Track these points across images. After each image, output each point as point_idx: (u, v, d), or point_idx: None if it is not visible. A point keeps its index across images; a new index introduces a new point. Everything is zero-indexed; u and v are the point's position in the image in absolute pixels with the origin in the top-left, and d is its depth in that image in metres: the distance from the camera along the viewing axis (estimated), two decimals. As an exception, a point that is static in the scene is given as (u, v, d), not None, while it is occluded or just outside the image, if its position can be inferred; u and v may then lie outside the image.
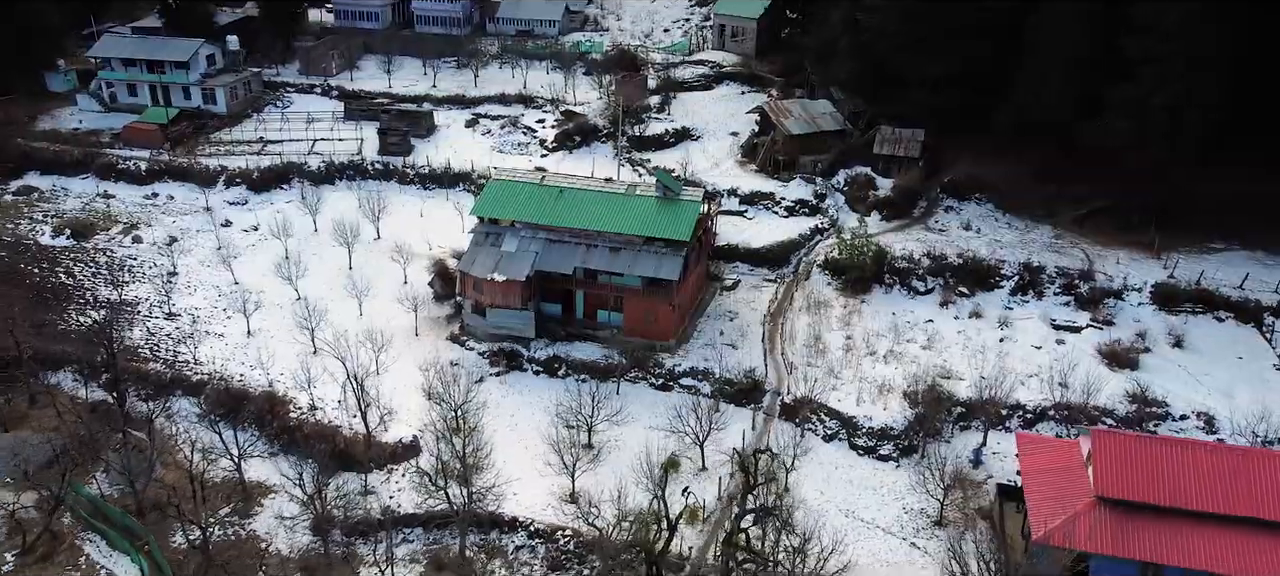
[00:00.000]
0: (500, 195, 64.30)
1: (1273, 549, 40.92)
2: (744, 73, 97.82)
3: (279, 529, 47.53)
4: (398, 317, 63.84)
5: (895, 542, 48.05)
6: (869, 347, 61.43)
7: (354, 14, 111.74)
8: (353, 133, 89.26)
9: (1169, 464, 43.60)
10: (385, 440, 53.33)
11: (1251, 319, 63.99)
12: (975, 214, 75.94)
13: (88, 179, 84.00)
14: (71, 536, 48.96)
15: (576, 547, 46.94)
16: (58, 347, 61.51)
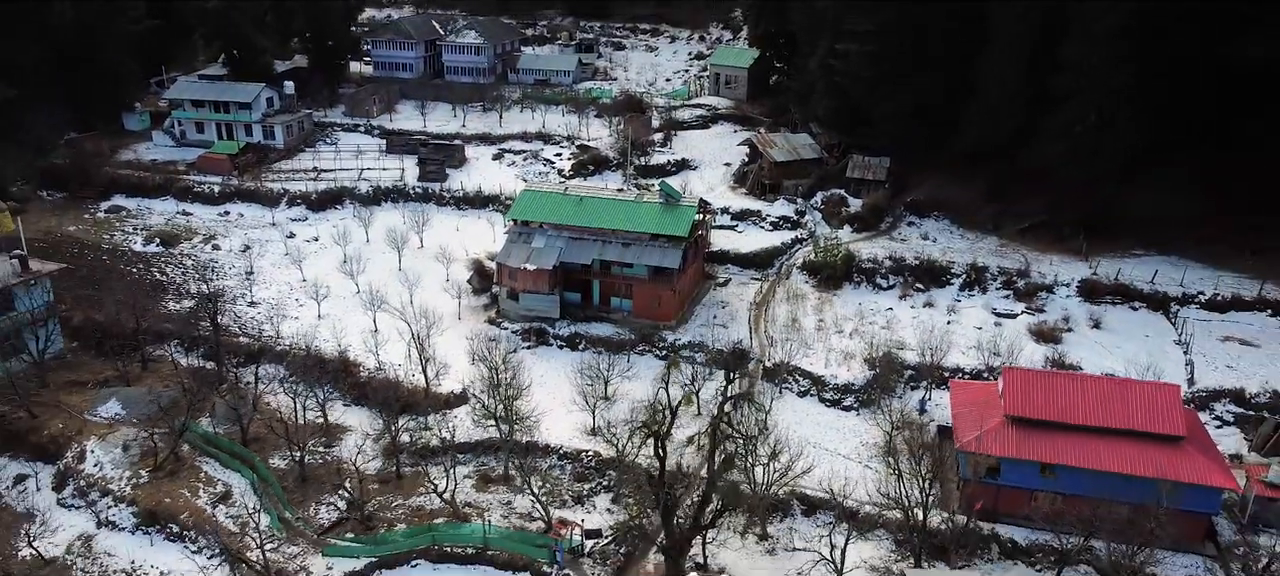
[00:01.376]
0: (531, 202, 77.23)
1: (1133, 450, 52.69)
2: (736, 114, 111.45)
3: (358, 455, 59.21)
4: (443, 305, 76.09)
5: (852, 464, 59.73)
6: (837, 327, 73.68)
7: (391, 65, 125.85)
8: (395, 164, 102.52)
9: (1060, 391, 55.64)
10: (439, 391, 65.39)
11: (1160, 308, 76.17)
12: (933, 227, 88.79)
13: (168, 200, 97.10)
14: (191, 459, 60.78)
15: (597, 465, 58.86)
16: (161, 326, 73.92)
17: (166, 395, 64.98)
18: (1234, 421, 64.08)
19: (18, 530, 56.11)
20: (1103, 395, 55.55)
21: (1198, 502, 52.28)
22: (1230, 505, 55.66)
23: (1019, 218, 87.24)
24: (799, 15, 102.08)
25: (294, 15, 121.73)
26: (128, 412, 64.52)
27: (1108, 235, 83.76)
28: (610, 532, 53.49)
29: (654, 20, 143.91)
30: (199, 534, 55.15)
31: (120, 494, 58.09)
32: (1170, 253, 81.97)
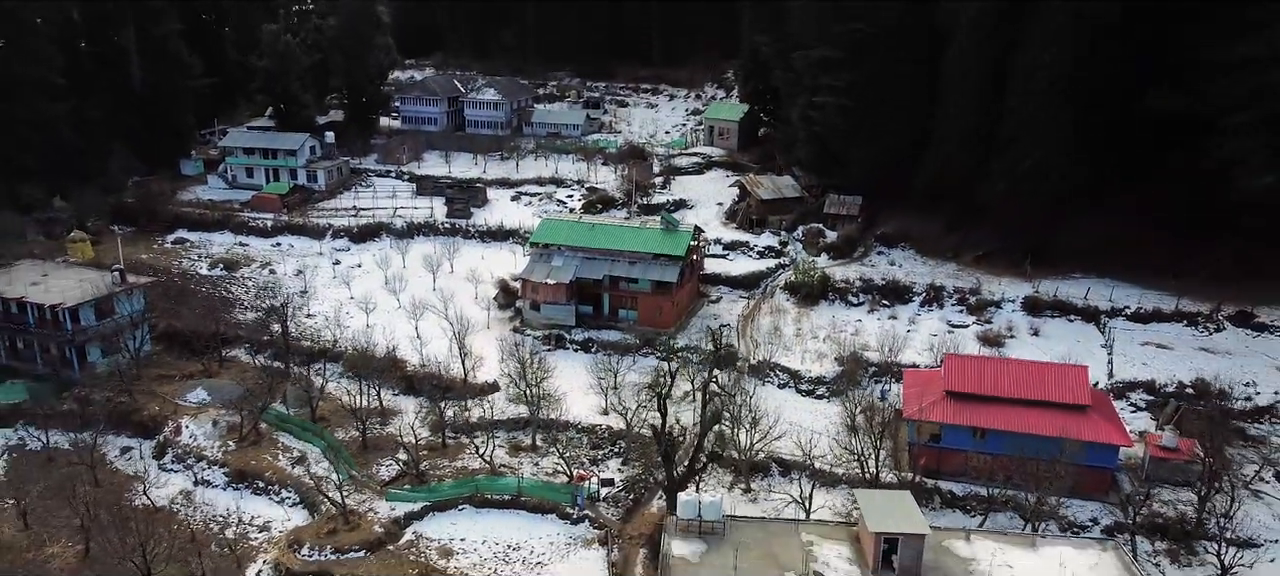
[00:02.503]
0: (551, 228, 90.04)
1: (1048, 416, 64.59)
2: (728, 161, 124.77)
3: (413, 427, 70.98)
4: (474, 316, 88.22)
5: (822, 438, 71.50)
6: (813, 335, 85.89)
7: (418, 119, 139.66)
8: (425, 204, 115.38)
9: (990, 371, 67.81)
10: (475, 381, 77.38)
11: (1092, 319, 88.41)
12: (899, 256, 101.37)
13: (226, 234, 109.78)
14: (268, 434, 72.58)
15: (609, 436, 70.73)
16: (233, 332, 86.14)
17: (243, 387, 76.95)
18: (1146, 407, 76.21)
19: (129, 487, 67.74)
20: (1025, 374, 67.75)
21: (1100, 458, 64.15)
22: (1133, 466, 67.53)
23: (974, 246, 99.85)
24: (782, 75, 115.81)
25: (331, 74, 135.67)
26: (212, 398, 76.44)
27: (1051, 261, 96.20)
28: (621, 483, 65.22)
29: (654, 80, 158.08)
30: (281, 487, 66.86)
31: (212, 458, 69.88)
32: (1105, 275, 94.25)
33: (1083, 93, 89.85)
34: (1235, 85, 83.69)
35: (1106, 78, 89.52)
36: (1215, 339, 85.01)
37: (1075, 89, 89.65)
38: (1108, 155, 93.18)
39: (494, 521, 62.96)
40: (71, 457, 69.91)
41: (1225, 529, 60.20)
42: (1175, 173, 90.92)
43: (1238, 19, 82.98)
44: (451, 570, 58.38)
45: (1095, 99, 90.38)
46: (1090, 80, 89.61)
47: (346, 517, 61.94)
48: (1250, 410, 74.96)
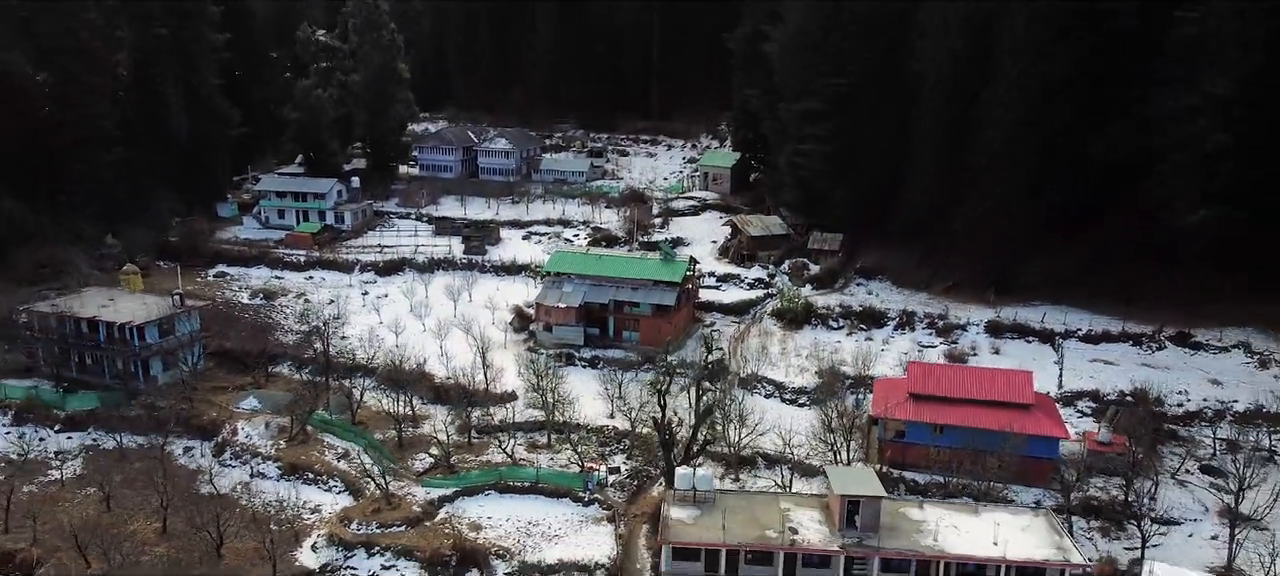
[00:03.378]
0: (562, 259, 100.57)
1: (997, 414, 74.37)
2: (721, 204, 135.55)
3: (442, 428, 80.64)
4: (492, 337, 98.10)
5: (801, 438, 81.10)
6: (797, 353, 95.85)
7: (435, 166, 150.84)
8: (443, 242, 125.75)
9: (947, 376, 77.82)
10: (496, 391, 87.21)
11: (1047, 340, 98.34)
12: (877, 286, 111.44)
13: (262, 268, 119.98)
14: (314, 435, 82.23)
15: (615, 435, 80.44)
16: (276, 350, 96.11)
17: (290, 396, 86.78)
18: (1090, 413, 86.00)
19: (194, 479, 77.25)
20: (978, 378, 77.83)
21: (1043, 450, 73.93)
22: (1074, 459, 77.15)
23: (944, 277, 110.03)
24: (770, 125, 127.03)
25: (355, 125, 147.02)
26: (263, 405, 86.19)
27: (1014, 290, 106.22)
28: (626, 472, 74.80)
29: (653, 131, 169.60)
30: (329, 477, 76.41)
31: (266, 455, 79.47)
32: (1062, 302, 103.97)
33: (1037, 140, 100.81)
34: (1167, 133, 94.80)
35: (1057, 127, 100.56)
36: (1156, 356, 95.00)
37: (1030, 137, 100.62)
38: (1063, 195, 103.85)
39: (516, 503, 72.50)
40: (141, 454, 79.49)
41: (1149, 510, 70.04)
42: (1123, 210, 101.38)
43: (1166, 75, 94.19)
44: (480, 540, 67.78)
45: (1048, 146, 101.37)
46: (1043, 129, 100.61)
47: (389, 499, 71.46)
48: (1182, 415, 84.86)
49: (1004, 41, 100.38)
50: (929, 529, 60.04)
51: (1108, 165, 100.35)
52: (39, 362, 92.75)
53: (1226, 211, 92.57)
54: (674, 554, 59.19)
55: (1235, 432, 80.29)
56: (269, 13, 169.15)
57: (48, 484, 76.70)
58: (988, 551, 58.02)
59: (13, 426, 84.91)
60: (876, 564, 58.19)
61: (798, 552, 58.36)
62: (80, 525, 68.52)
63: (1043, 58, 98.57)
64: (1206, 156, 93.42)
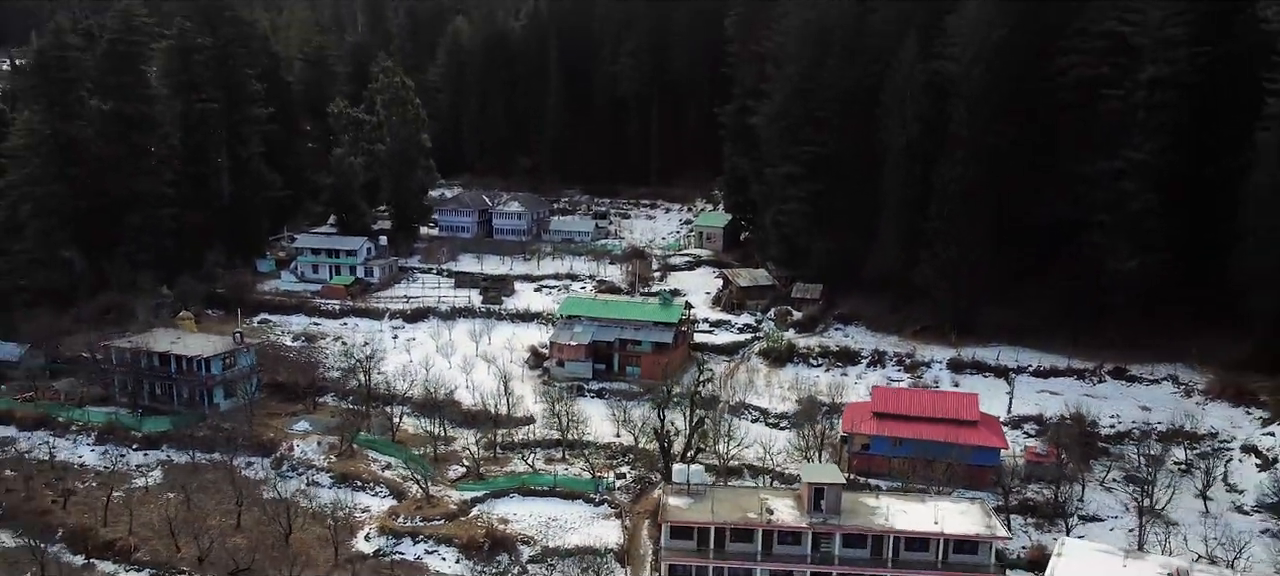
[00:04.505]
0: (573, 304, 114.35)
1: (947, 429, 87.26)
2: (714, 261, 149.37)
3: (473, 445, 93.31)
4: (511, 373, 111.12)
5: (781, 453, 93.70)
6: (780, 386, 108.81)
7: (453, 227, 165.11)
8: (463, 294, 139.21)
9: (906, 398, 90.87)
10: (516, 415, 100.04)
11: (1002, 375, 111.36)
12: (852, 331, 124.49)
13: (300, 316, 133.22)
14: (360, 452, 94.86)
15: (621, 449, 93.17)
16: (321, 383, 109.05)
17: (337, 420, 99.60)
18: (1034, 434, 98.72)
19: (257, 487, 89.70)
20: (931, 400, 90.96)
21: (985, 458, 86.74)
22: (1015, 470, 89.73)
23: (913, 322, 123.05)
24: (757, 188, 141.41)
25: (382, 189, 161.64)
26: (313, 427, 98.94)
27: (974, 333, 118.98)
28: (631, 479, 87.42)
29: (652, 196, 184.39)
30: (375, 484, 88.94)
31: (320, 467, 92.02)
32: (1016, 344, 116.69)
33: (989, 201, 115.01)
34: (1100, 193, 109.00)
35: (1006, 189, 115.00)
36: (1097, 387, 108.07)
37: (982, 198, 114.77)
38: (1015, 249, 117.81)
39: (537, 504, 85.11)
40: (211, 468, 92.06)
41: (1076, 508, 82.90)
42: (1068, 261, 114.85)
43: (1098, 143, 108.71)
44: (509, 531, 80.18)
45: (999, 206, 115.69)
46: (994, 192, 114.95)
47: (429, 500, 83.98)
48: (1113, 435, 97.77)
49: (957, 115, 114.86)
50: (882, 512, 72.61)
51: (1052, 222, 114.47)
52: (113, 392, 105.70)
53: (1155, 261, 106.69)
54: (671, 532, 71.67)
55: (1157, 448, 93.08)
56: (301, 88, 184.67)
57: (133, 490, 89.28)
58: (930, 528, 70.56)
59: (96, 445, 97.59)
60: (838, 538, 70.71)
61: (774, 529, 70.88)
62: (167, 520, 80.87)
63: (990, 129, 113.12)
64: (1134, 214, 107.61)
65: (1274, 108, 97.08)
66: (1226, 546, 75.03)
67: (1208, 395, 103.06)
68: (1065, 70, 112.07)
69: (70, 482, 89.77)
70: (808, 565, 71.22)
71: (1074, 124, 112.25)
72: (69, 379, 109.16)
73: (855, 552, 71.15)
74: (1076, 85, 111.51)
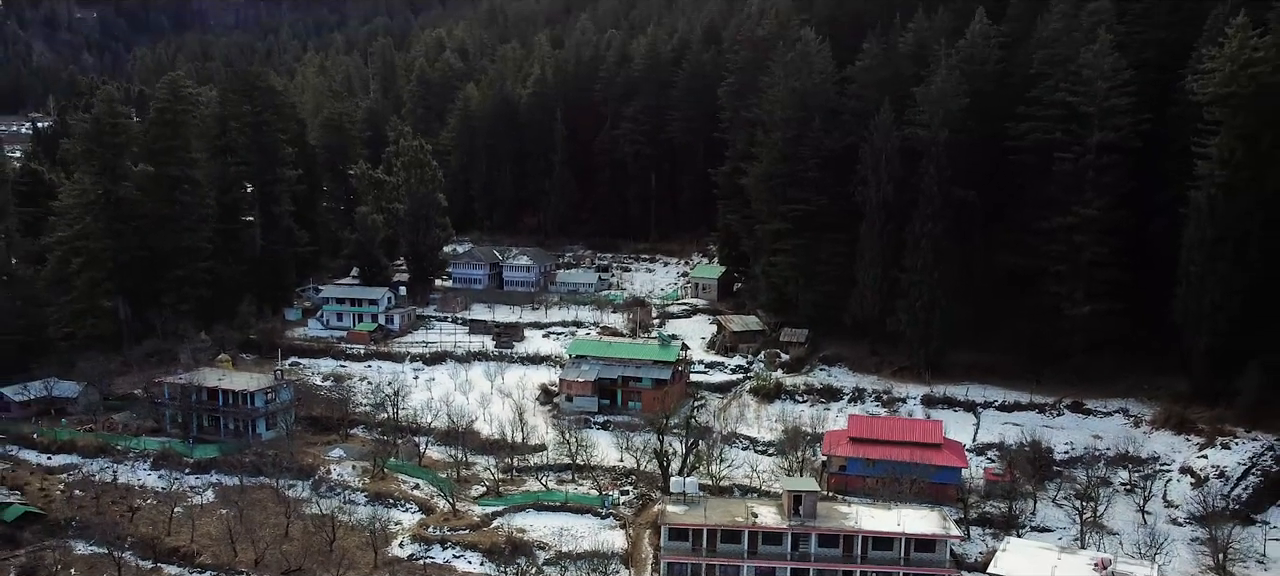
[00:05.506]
0: (581, 345, 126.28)
1: (914, 452, 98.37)
2: (709, 310, 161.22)
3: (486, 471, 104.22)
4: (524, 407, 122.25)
5: (767, 475, 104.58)
6: (768, 419, 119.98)
7: (467, 279, 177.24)
8: (478, 340, 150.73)
9: (878, 425, 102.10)
10: (530, 443, 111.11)
11: (970, 410, 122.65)
12: (835, 371, 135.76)
13: (328, 360, 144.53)
14: (391, 476, 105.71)
15: (624, 472, 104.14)
16: (351, 416, 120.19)
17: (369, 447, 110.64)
18: (995, 459, 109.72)
19: (299, 505, 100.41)
20: (900, 426, 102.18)
21: (948, 477, 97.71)
22: (975, 488, 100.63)
23: (890, 364, 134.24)
24: (748, 243, 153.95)
25: (400, 243, 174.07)
26: (346, 454, 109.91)
27: (947, 373, 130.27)
28: (634, 495, 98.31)
29: (651, 251, 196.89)
30: (405, 501, 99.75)
31: (354, 487, 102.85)
32: (985, 382, 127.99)
33: (956, 253, 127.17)
34: (1055, 246, 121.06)
35: (971, 242, 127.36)
36: (1055, 420, 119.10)
37: (950, 251, 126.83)
38: (980, 296, 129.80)
39: (550, 517, 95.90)
40: (256, 488, 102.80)
41: (1028, 521, 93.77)
42: (1029, 307, 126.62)
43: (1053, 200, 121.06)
44: (526, 538, 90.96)
45: (965, 257, 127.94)
46: (960, 244, 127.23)
47: (455, 513, 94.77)
48: (1066, 460, 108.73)
49: (927, 175, 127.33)
50: (853, 516, 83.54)
51: (1013, 271, 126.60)
52: (165, 424, 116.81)
53: (1105, 306, 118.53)
54: (670, 535, 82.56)
55: (1104, 471, 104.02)
56: (323, 151, 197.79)
57: (190, 507, 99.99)
58: (893, 529, 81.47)
59: (153, 469, 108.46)
60: (814, 539, 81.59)
61: (758, 531, 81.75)
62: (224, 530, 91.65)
63: (957, 188, 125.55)
64: (1086, 264, 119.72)
65: (1202, 169, 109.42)
66: (1155, 548, 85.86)
67: (1153, 425, 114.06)
68: (1022, 135, 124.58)
69: (133, 501, 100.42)
70: (788, 563, 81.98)
71: (1031, 183, 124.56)
72: (125, 412, 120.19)
73: (829, 551, 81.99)
74: (1032, 149, 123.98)
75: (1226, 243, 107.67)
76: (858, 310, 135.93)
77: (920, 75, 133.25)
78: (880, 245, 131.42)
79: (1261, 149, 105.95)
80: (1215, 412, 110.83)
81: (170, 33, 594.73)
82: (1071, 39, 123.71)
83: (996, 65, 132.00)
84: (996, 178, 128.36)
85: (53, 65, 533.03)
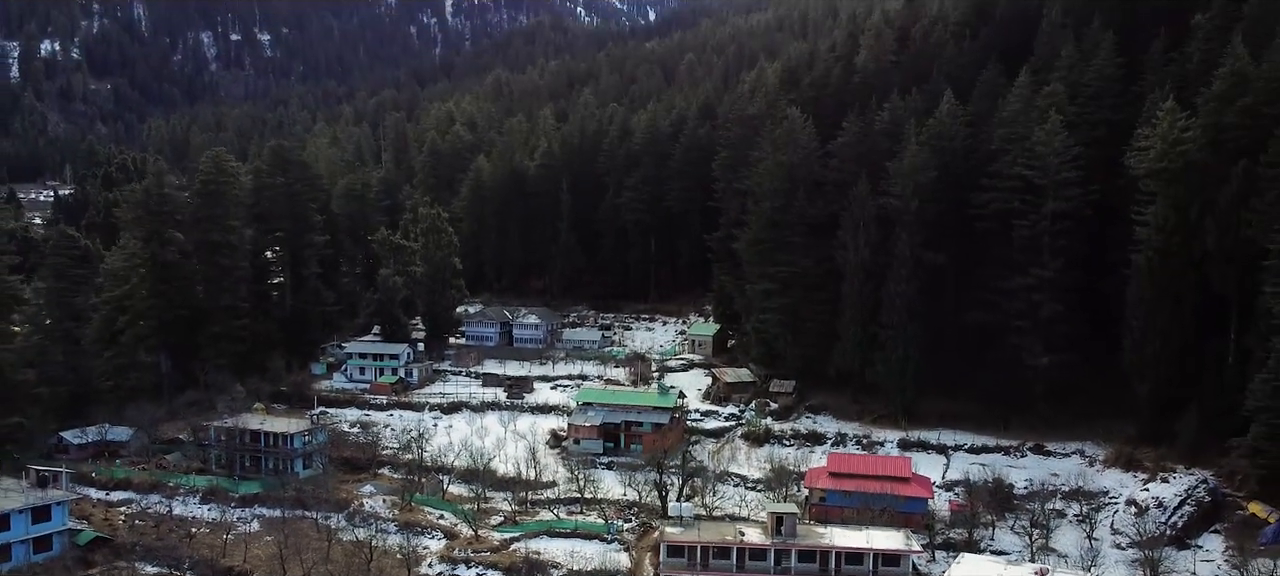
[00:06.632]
0: (588, 393, 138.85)
1: (886, 484, 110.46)
2: (704, 364, 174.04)
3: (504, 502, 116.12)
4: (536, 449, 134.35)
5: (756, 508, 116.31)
6: (757, 459, 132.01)
7: (479, 337, 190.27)
8: (490, 392, 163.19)
9: (854, 461, 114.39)
10: (542, 480, 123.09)
11: (941, 452, 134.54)
12: (820, 419, 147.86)
13: (353, 409, 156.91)
14: (417, 508, 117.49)
15: (628, 504, 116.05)
16: (378, 457, 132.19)
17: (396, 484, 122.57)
18: (960, 493, 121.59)
19: (336, 533, 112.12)
20: (873, 462, 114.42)
21: (914, 507, 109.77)
22: (940, 517, 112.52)
23: (870, 412, 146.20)
24: (740, 302, 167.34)
25: (416, 304, 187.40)
26: (377, 490, 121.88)
27: (922, 420, 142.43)
28: (636, 523, 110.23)
29: (651, 311, 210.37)
30: (432, 529, 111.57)
31: (385, 518, 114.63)
32: (956, 427, 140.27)
33: (927, 310, 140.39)
34: (1016, 303, 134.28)
35: (941, 300, 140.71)
36: (1019, 460, 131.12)
37: (921, 308, 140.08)
38: (950, 349, 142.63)
39: (562, 543, 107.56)
40: (297, 520, 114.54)
41: (987, 546, 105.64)
42: (993, 359, 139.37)
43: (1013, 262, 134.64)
44: (541, 559, 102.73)
45: (936, 314, 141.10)
46: (931, 302, 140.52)
47: (477, 538, 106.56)
48: (1026, 494, 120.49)
49: (901, 240, 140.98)
50: (828, 536, 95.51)
51: (980, 327, 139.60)
52: (211, 464, 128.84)
53: (1062, 358, 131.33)
54: (668, 552, 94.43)
55: (1059, 503, 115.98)
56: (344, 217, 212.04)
57: (239, 535, 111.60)
58: (863, 545, 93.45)
59: (202, 503, 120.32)
60: (794, 554, 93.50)
61: (746, 547, 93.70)
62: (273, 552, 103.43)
63: (927, 252, 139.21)
64: (1045, 320, 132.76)
65: (1141, 235, 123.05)
66: (1092, 563, 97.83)
67: (1105, 464, 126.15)
68: (985, 204, 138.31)
69: (189, 529, 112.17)
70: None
71: (994, 247, 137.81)
72: (175, 453, 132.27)
73: (807, 567, 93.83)
74: (994, 216, 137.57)
75: (1164, 300, 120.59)
76: (840, 362, 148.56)
77: (894, 150, 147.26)
78: (859, 303, 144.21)
79: (1190, 218, 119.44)
80: (1159, 452, 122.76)
81: (183, 104, 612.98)
82: (1028, 119, 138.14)
83: (963, 142, 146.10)
84: (963, 242, 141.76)
85: (68, 135, 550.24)
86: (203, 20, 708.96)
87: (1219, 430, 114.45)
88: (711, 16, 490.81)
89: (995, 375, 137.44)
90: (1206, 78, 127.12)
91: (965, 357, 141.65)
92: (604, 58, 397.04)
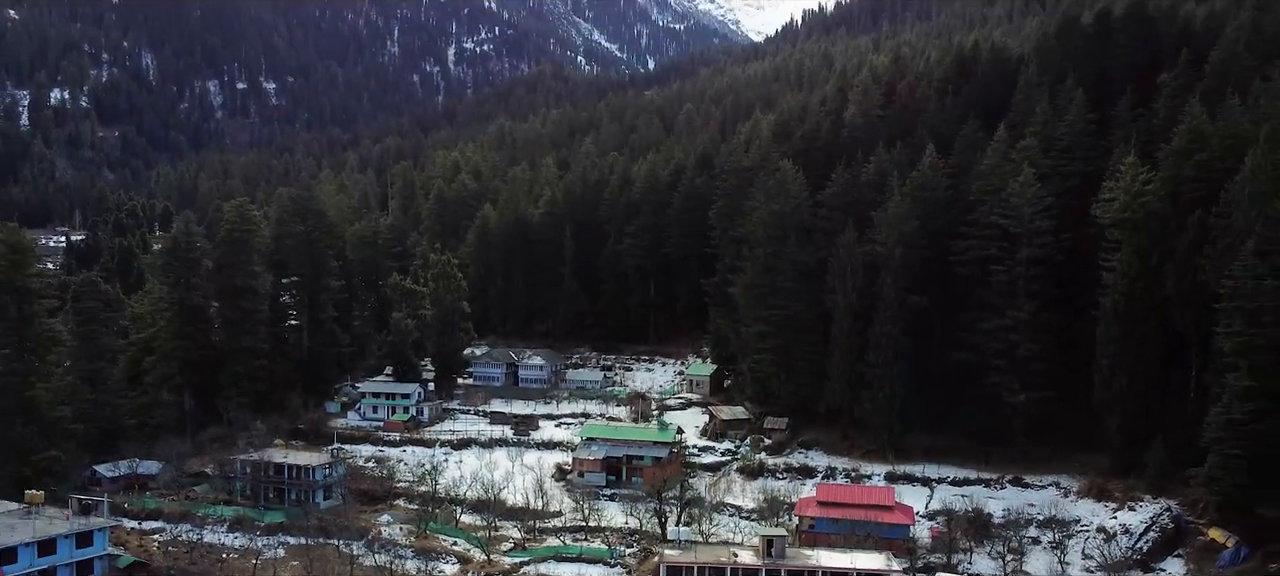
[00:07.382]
0: (591, 429, 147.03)
1: (870, 512, 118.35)
2: (702, 402, 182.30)
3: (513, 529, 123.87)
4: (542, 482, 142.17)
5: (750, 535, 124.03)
6: (752, 492, 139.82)
7: (485, 377, 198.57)
8: (498, 429, 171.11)
9: (840, 491, 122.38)
10: (549, 509, 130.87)
11: (925, 484, 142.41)
12: (811, 454, 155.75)
13: (367, 445, 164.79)
14: (432, 536, 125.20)
15: (629, 531, 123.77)
16: (394, 489, 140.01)
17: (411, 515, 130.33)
18: (940, 522, 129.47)
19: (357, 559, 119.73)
20: (859, 492, 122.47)
21: (896, 532, 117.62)
22: (922, 543, 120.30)
23: (859, 447, 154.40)
24: (736, 343, 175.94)
25: (426, 346, 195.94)
26: (394, 519, 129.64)
27: (907, 455, 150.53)
28: (637, 548, 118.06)
29: (651, 353, 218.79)
30: (446, 555, 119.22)
31: (402, 544, 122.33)
32: (940, 462, 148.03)
33: (912, 350, 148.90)
34: (994, 343, 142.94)
35: (925, 341, 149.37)
36: (999, 492, 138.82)
37: (906, 348, 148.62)
38: (933, 387, 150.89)
39: (568, 566, 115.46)
40: (319, 547, 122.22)
41: (966, 569, 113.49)
42: (974, 396, 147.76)
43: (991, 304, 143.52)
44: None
45: (920, 354, 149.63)
46: (915, 343, 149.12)
47: (490, 562, 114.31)
48: (1003, 522, 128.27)
49: (886, 285, 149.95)
50: (815, 557, 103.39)
51: (961, 365, 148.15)
52: (236, 495, 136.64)
53: (1038, 395, 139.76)
54: (667, 571, 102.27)
55: (1033, 531, 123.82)
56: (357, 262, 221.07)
57: (267, 560, 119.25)
58: (847, 565, 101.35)
59: (229, 532, 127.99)
60: (784, 573, 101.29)
61: (739, 568, 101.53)
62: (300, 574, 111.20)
63: (911, 295, 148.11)
64: (1021, 359, 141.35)
65: (1108, 279, 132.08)
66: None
67: (1079, 494, 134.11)
68: (964, 251, 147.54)
69: (220, 554, 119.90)
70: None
71: (973, 291, 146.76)
72: (203, 485, 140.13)
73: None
74: (973, 262, 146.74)
75: (1130, 339, 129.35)
76: (831, 400, 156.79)
77: (880, 200, 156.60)
78: (848, 344, 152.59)
79: (1152, 264, 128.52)
80: (1128, 482, 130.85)
81: (189, 151, 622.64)
82: (1004, 172, 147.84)
83: (944, 192, 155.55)
84: (945, 286, 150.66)
85: (77, 182, 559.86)
86: (210, 68, 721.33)
87: (1182, 461, 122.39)
88: (710, 65, 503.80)
89: (977, 411, 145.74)
90: (1170, 133, 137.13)
91: (949, 395, 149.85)
92: (604, 107, 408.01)
